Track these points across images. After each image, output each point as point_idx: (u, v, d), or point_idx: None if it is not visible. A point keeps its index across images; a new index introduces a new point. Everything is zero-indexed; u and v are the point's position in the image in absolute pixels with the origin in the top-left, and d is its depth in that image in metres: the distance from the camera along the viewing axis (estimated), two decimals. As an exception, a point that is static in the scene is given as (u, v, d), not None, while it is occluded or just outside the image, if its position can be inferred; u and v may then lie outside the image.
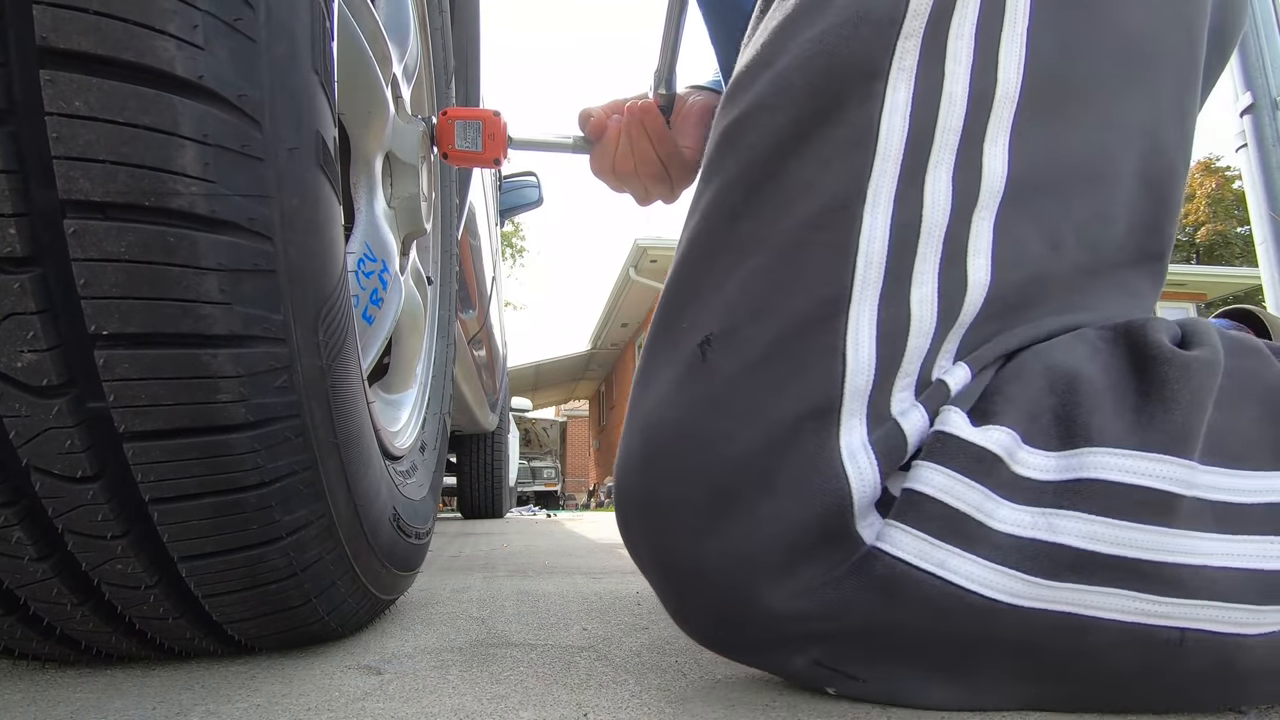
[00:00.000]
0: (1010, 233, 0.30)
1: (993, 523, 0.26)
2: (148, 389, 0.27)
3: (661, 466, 0.29)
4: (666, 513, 0.29)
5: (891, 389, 0.28)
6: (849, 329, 0.28)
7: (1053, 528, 0.26)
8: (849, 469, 0.27)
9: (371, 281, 0.53)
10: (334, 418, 0.34)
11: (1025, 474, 0.27)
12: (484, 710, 0.32)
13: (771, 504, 0.27)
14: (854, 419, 0.28)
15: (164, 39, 0.24)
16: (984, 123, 0.29)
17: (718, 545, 0.28)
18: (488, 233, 1.51)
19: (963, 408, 0.28)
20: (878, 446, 0.27)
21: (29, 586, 0.31)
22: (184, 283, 0.26)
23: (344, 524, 0.36)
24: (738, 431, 0.28)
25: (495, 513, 2.89)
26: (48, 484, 0.28)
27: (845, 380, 0.27)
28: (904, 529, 0.27)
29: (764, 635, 0.29)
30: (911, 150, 0.29)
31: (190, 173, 0.25)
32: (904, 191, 0.29)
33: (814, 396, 0.27)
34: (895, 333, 0.28)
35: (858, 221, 0.28)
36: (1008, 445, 0.27)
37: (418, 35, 0.64)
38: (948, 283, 0.29)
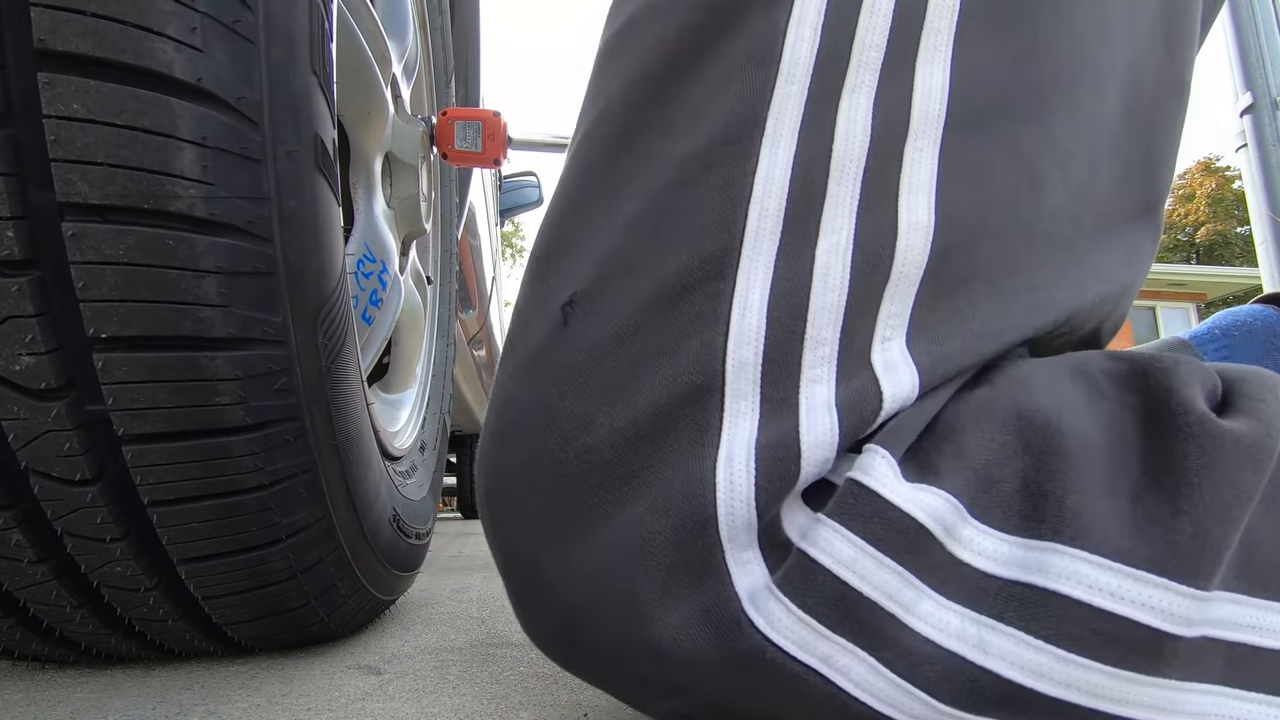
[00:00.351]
0: (964, 162, 0.23)
1: (909, 618, 0.19)
2: (147, 392, 0.27)
3: (511, 452, 0.23)
4: (510, 507, 0.23)
5: (800, 362, 0.21)
6: (736, 290, 0.21)
7: (984, 645, 0.19)
8: (719, 474, 0.20)
9: (371, 282, 0.53)
10: (333, 420, 0.34)
11: (966, 558, 0.19)
12: (484, 710, 0.32)
13: (629, 512, 0.21)
14: (742, 401, 0.21)
15: (162, 41, 0.24)
16: (915, 37, 0.23)
17: (562, 556, 0.22)
18: (488, 233, 1.51)
19: (894, 450, 0.21)
20: (764, 453, 0.20)
21: (28, 589, 0.31)
22: (183, 285, 0.26)
23: (344, 526, 0.36)
24: (597, 415, 0.22)
25: (495, 511, 2.88)
26: (47, 487, 0.28)
27: (727, 352, 0.21)
28: (787, 605, 0.20)
29: (610, 666, 0.23)
30: (820, 71, 0.23)
31: (189, 175, 0.25)
32: (811, 121, 0.23)
33: (690, 374, 0.21)
34: (793, 291, 0.21)
35: (753, 159, 0.22)
36: (945, 517, 0.20)
37: (417, 34, 0.64)
38: (868, 228, 0.22)
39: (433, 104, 0.74)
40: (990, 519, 0.20)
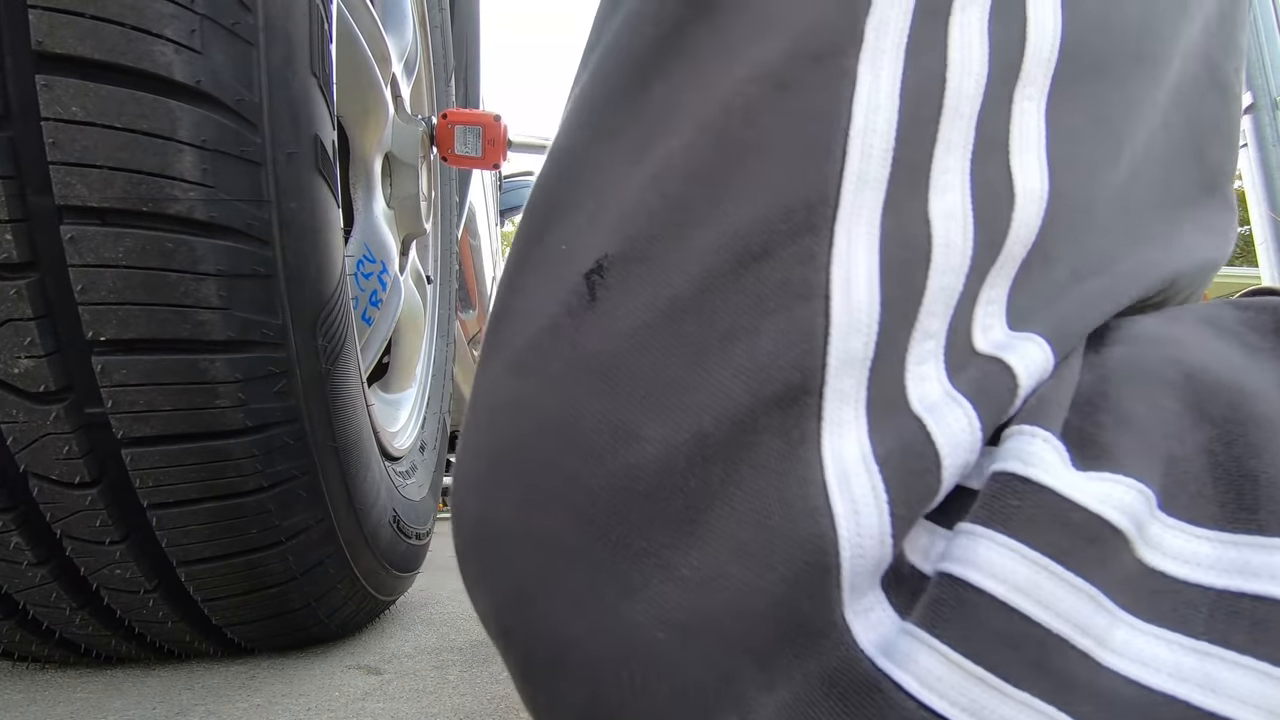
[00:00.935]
0: (1066, 123, 0.18)
1: (1104, 655, 0.14)
2: (146, 394, 0.26)
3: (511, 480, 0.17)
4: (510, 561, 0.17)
5: (905, 357, 0.16)
6: (834, 254, 0.16)
7: (1212, 683, 0.14)
8: (835, 500, 0.15)
9: (371, 283, 0.53)
10: (333, 422, 0.34)
11: (1161, 565, 0.15)
12: (484, 710, 0.32)
13: (697, 560, 0.15)
14: (845, 408, 0.15)
15: (162, 43, 0.24)
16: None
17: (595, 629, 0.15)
18: (488, 233, 1.51)
19: (1052, 427, 0.16)
20: (889, 463, 0.15)
21: (28, 591, 0.31)
22: (182, 288, 0.26)
23: (343, 527, 0.36)
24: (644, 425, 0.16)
25: (495, 509, 2.89)
26: (46, 489, 0.28)
27: (829, 341, 0.15)
28: (937, 649, 0.14)
29: None
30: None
31: (188, 178, 0.25)
32: (920, 38, 0.17)
33: (777, 369, 0.15)
34: (910, 261, 0.16)
35: (850, 77, 0.16)
36: (1137, 512, 0.15)
37: (417, 33, 0.64)
38: (983, 189, 0.17)
39: (433, 103, 0.73)
40: (1179, 510, 0.15)
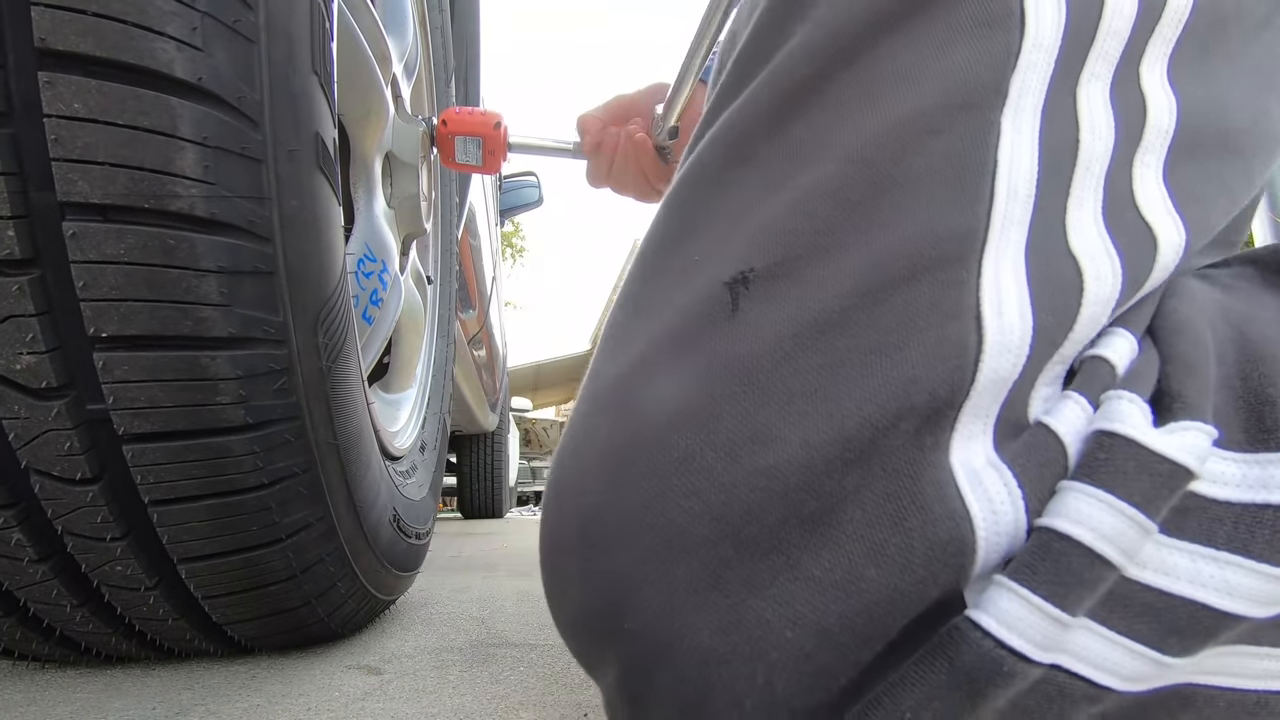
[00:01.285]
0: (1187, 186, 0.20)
1: (1137, 572, 0.16)
2: (147, 391, 0.27)
3: (640, 468, 0.17)
4: (639, 549, 0.17)
5: (1038, 379, 0.17)
6: (983, 281, 0.17)
7: (1228, 586, 0.16)
8: (970, 499, 0.16)
9: (371, 282, 0.53)
10: (334, 419, 0.34)
11: (1205, 491, 0.17)
12: (484, 710, 0.32)
13: (829, 561, 0.16)
14: (977, 422, 0.17)
15: (163, 41, 0.24)
16: (1146, 38, 0.20)
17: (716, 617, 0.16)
18: (488, 233, 1.51)
19: (1142, 394, 0.17)
20: (1018, 463, 0.16)
21: (29, 588, 0.31)
22: (183, 285, 0.26)
23: (344, 525, 0.36)
24: (784, 428, 0.16)
25: (495, 513, 2.90)
26: (47, 486, 0.28)
27: (982, 358, 0.16)
28: (1022, 595, 0.15)
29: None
30: (1067, 47, 0.19)
31: (190, 175, 0.25)
32: (1055, 101, 0.19)
33: (924, 383, 0.16)
34: (1060, 291, 0.18)
35: (996, 129, 0.18)
36: (1202, 450, 0.16)
37: (417, 34, 0.64)
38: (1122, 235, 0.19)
39: (433, 103, 0.74)
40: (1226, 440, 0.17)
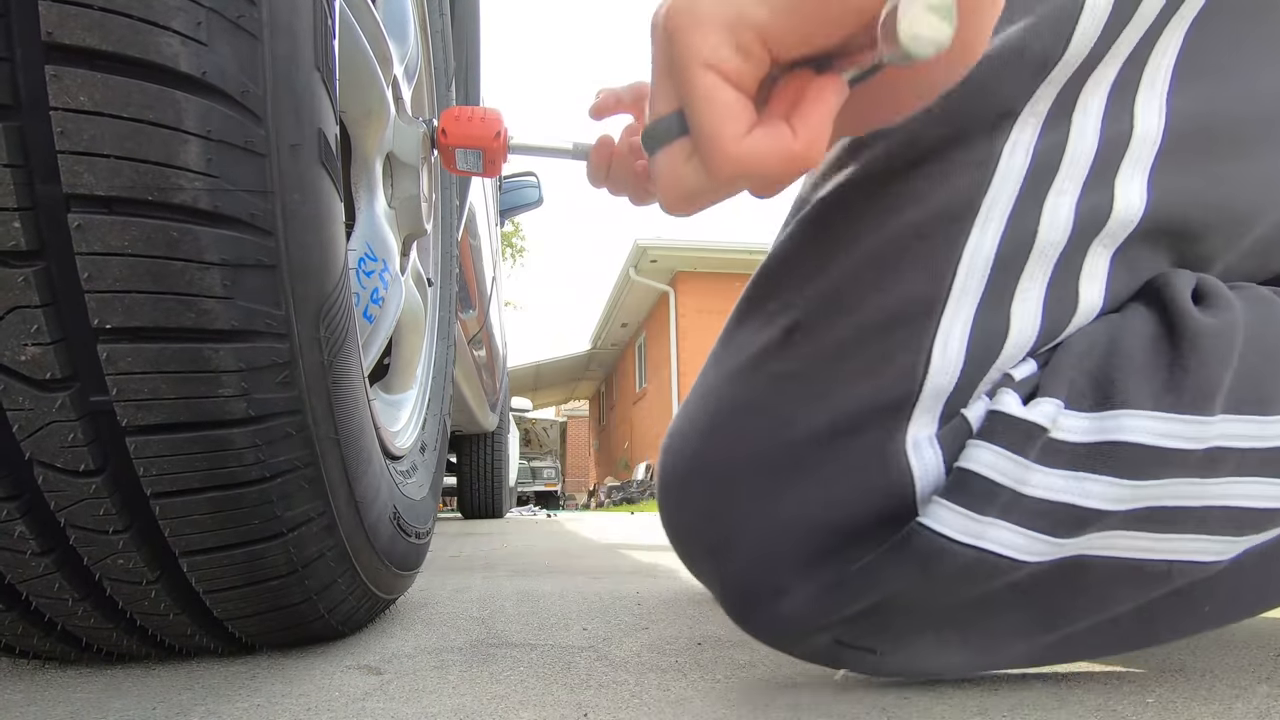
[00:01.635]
0: (1130, 266, 0.30)
1: (1026, 489, 0.27)
2: (150, 383, 0.27)
3: (719, 436, 0.30)
4: (715, 481, 0.30)
5: (975, 390, 0.29)
6: (939, 331, 0.28)
7: (1085, 493, 0.27)
8: (913, 461, 0.28)
9: (372, 281, 0.53)
10: (335, 414, 0.34)
11: (1060, 437, 0.28)
12: (484, 710, 0.32)
13: (821, 490, 0.28)
14: (925, 415, 0.28)
15: (168, 35, 0.25)
16: (1118, 158, 0.30)
17: (759, 522, 0.29)
18: (488, 233, 1.51)
19: (1020, 392, 0.29)
20: (943, 439, 0.28)
21: (30, 581, 0.31)
22: (187, 277, 0.26)
23: (344, 521, 0.36)
24: (799, 414, 0.29)
25: (495, 513, 2.89)
26: (50, 478, 0.28)
27: (926, 379, 0.28)
28: (949, 506, 0.27)
29: (791, 613, 0.30)
30: (1033, 177, 0.29)
31: (194, 168, 0.25)
32: (1020, 211, 0.29)
33: (889, 391, 0.28)
34: (990, 339, 0.29)
35: (965, 235, 0.29)
36: (1052, 415, 0.28)
37: (418, 36, 0.65)
38: (1055, 301, 0.29)
39: (433, 105, 0.74)
40: (1074, 405, 0.28)
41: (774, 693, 0.35)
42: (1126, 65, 0.30)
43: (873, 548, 0.28)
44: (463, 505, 2.92)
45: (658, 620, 0.55)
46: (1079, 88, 0.30)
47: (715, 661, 0.41)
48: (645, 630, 0.50)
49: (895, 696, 0.34)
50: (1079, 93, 0.30)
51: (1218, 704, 0.32)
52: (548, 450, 11.21)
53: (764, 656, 0.42)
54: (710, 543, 0.31)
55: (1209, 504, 0.28)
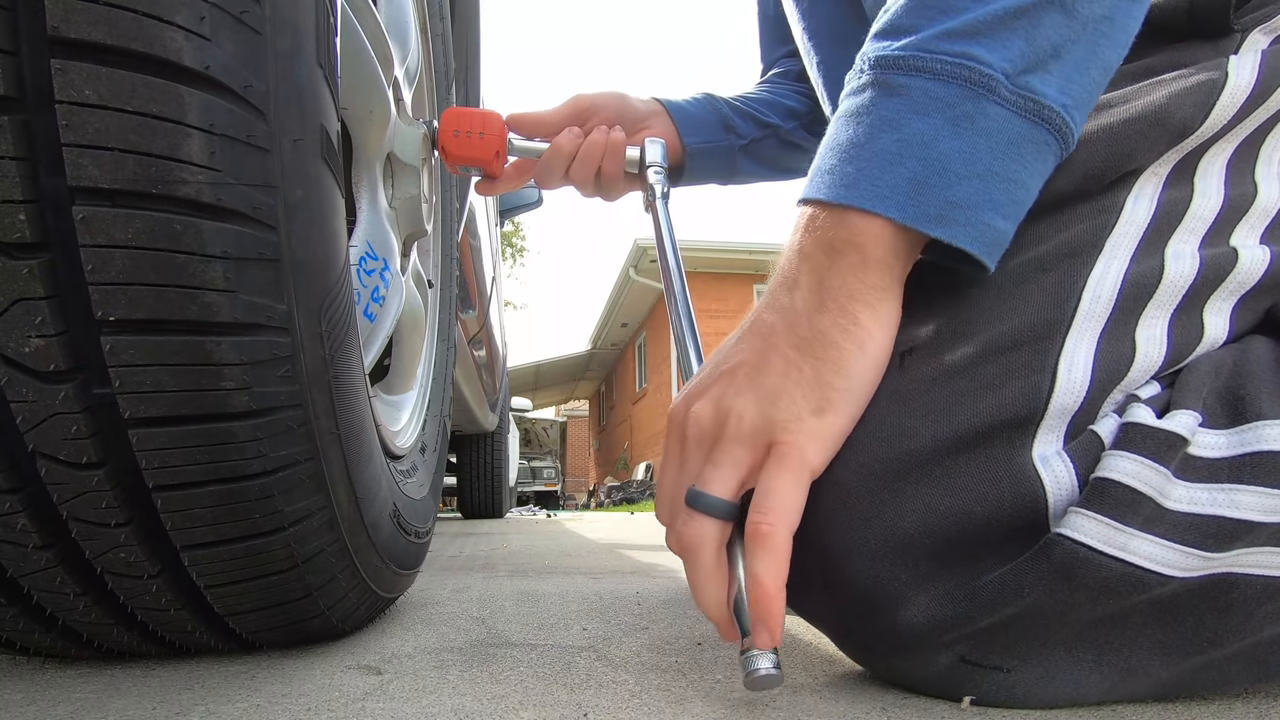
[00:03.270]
0: (1252, 308, 0.33)
1: (1169, 502, 0.27)
2: (152, 375, 0.27)
3: (850, 451, 0.30)
4: (824, 496, 0.30)
5: (1099, 410, 0.30)
6: (1064, 352, 0.29)
7: (1236, 504, 0.27)
8: (1043, 474, 0.28)
9: (373, 280, 0.53)
10: (336, 409, 0.34)
11: (1199, 453, 0.28)
12: (484, 710, 0.32)
13: (948, 500, 0.28)
14: (1051, 434, 0.29)
15: (172, 30, 0.25)
16: (1238, 218, 0.32)
17: (876, 531, 0.29)
18: (488, 233, 1.52)
19: (1153, 405, 0.30)
20: (1074, 453, 0.29)
21: (32, 575, 0.31)
22: (189, 270, 0.26)
23: (345, 517, 0.36)
24: (921, 428, 0.29)
25: (495, 513, 2.89)
26: (53, 470, 0.28)
27: (1052, 398, 0.29)
28: (1089, 515, 0.27)
29: (913, 623, 0.29)
30: (1156, 225, 0.31)
31: (197, 161, 0.26)
32: (1145, 252, 0.31)
33: (1014, 408, 0.29)
34: (1116, 361, 0.30)
35: (1089, 267, 0.31)
36: (1190, 426, 0.28)
37: (419, 39, 0.65)
38: (1180, 329, 0.31)
39: (434, 108, 0.74)
40: (1210, 423, 0.29)
41: (775, 692, 0.35)
42: (1246, 141, 0.33)
43: (997, 559, 0.28)
44: (463, 505, 2.92)
45: (658, 620, 0.54)
46: (1201, 155, 0.33)
47: (715, 661, 0.41)
48: (645, 630, 0.50)
49: (895, 696, 0.34)
50: (1200, 159, 0.33)
51: (1218, 704, 0.32)
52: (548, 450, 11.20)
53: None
54: (823, 557, 0.30)
55: None
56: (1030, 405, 0.29)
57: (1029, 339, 0.29)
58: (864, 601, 0.30)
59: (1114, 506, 0.27)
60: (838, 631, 0.34)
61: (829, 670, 0.39)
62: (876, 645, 0.32)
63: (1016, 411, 0.29)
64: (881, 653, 0.32)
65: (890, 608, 0.29)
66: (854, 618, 0.31)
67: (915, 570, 0.29)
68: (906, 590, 0.29)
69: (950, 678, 0.31)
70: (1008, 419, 0.29)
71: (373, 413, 0.41)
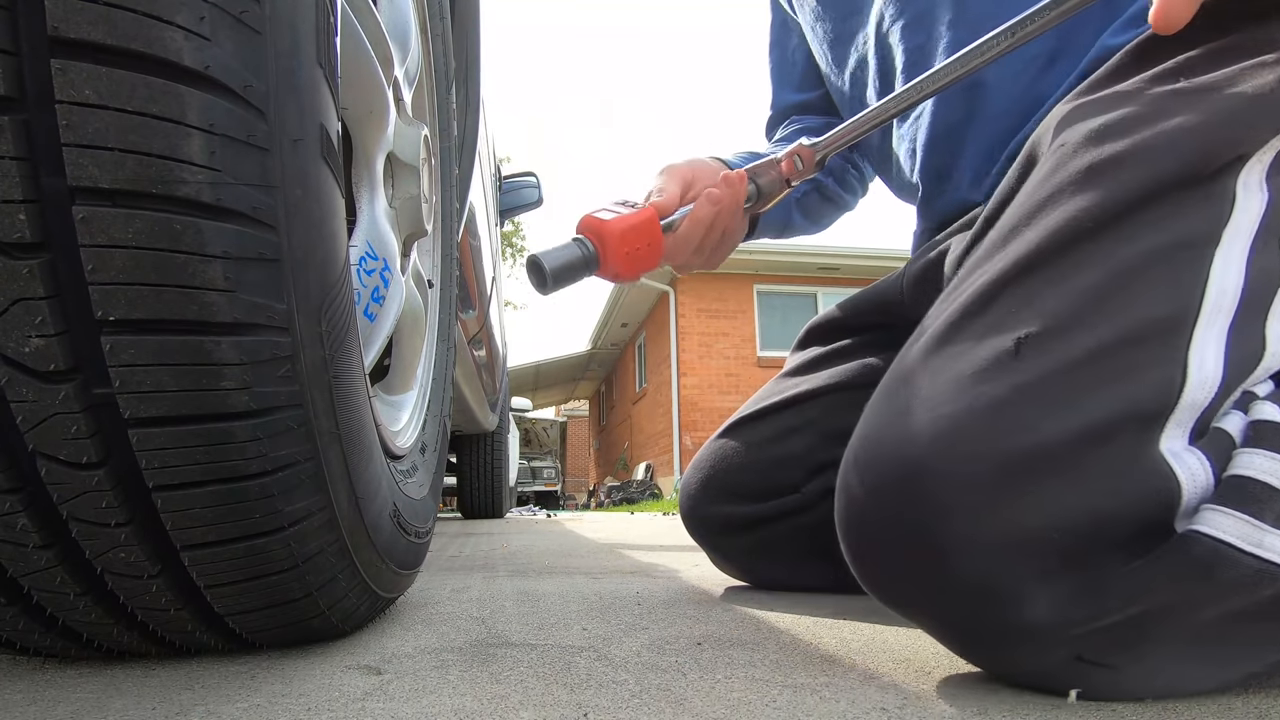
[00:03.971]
0: None
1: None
2: (152, 375, 0.27)
3: (949, 441, 0.30)
4: (944, 485, 0.29)
5: (1221, 406, 0.30)
6: (1192, 346, 0.29)
7: None
8: (1177, 469, 0.28)
9: (373, 280, 0.53)
10: (336, 408, 0.34)
11: None
12: (484, 710, 0.32)
13: (1076, 495, 0.28)
14: (1179, 428, 0.29)
15: (172, 30, 0.25)
16: None
17: (998, 526, 0.28)
18: (488, 233, 1.52)
19: (1276, 401, 0.30)
20: (1206, 448, 0.29)
21: (32, 575, 0.31)
22: (189, 269, 0.26)
23: (345, 517, 0.36)
24: (1042, 422, 0.29)
25: (495, 513, 2.89)
26: (53, 470, 0.28)
27: (1184, 392, 0.29)
28: (1228, 512, 0.27)
29: (1034, 620, 0.29)
30: (1272, 217, 0.31)
31: (197, 161, 0.26)
32: (1263, 245, 0.31)
33: (1145, 401, 0.28)
34: (1246, 357, 0.30)
35: (1209, 259, 0.30)
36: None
37: (419, 39, 0.65)
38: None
39: (434, 109, 0.74)
40: None
41: (775, 692, 0.35)
42: None
43: (1125, 555, 0.28)
44: (463, 505, 2.92)
45: (658, 620, 0.54)
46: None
47: (715, 661, 0.41)
48: (645, 630, 0.50)
49: (895, 696, 0.34)
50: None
51: (1218, 704, 0.32)
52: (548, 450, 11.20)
53: (764, 656, 0.42)
54: (936, 551, 0.30)
55: None
56: (1162, 399, 0.28)
57: (1156, 331, 0.29)
58: (978, 598, 0.29)
59: (1253, 503, 0.27)
60: (940, 623, 0.33)
61: (829, 670, 0.39)
62: (985, 639, 0.31)
63: (1148, 405, 0.28)
64: (989, 646, 0.31)
65: (1009, 605, 0.29)
66: (964, 612, 0.31)
67: (1039, 567, 0.28)
68: (1028, 587, 0.28)
69: (1060, 674, 0.30)
70: (1136, 413, 0.28)
71: (373, 413, 0.41)
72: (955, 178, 0.58)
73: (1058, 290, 0.31)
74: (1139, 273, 0.30)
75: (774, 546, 0.69)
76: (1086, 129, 0.36)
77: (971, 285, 0.35)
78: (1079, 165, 0.34)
